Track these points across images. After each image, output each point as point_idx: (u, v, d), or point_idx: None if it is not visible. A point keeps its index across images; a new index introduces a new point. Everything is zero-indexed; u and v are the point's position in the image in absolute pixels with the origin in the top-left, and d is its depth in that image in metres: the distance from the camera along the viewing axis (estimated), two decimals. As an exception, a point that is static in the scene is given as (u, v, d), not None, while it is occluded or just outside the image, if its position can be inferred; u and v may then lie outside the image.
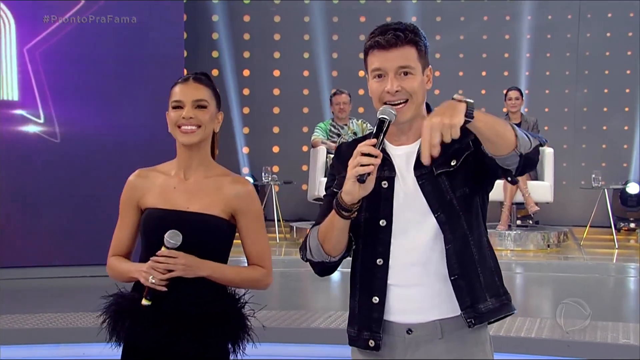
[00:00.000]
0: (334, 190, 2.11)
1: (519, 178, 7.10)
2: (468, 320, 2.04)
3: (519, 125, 8.48)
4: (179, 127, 2.32)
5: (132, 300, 2.30)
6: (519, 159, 1.94)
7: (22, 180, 6.40)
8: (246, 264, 2.46)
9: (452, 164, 2.04)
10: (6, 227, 6.39)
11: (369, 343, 2.08)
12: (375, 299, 2.07)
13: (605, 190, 8.77)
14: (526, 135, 1.96)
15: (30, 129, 6.50)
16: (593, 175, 8.75)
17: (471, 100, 1.87)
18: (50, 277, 6.31)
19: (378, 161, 1.90)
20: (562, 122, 10.35)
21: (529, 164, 1.98)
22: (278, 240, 8.60)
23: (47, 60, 6.49)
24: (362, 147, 1.91)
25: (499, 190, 8.01)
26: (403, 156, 2.09)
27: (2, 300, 5.63)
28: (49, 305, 5.27)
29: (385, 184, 2.07)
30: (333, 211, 1.99)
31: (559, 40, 10.32)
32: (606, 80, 10.21)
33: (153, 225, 2.32)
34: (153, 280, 2.22)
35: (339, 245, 2.06)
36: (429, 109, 2.13)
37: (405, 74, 2.03)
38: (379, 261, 2.06)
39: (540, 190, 8.45)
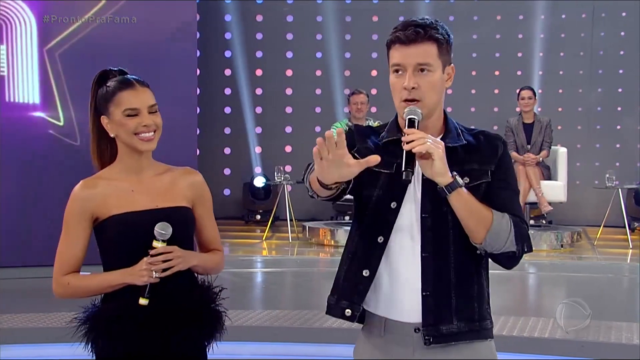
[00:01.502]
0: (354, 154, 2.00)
1: (533, 179, 7.11)
2: (426, 337, 2.04)
3: (532, 125, 8.54)
4: (137, 134, 2.30)
5: (123, 307, 2.27)
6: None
7: (42, 183, 6.35)
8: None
9: (465, 181, 2.01)
10: (24, 227, 6.38)
11: (345, 312, 2.09)
12: (366, 272, 2.07)
13: (619, 190, 8.72)
14: (512, 238, 2.01)
15: (50, 131, 6.44)
16: (607, 175, 8.70)
17: (461, 182, 1.96)
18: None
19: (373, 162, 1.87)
20: (575, 122, 10.30)
21: (494, 259, 2.08)
22: (290, 240, 8.60)
23: (66, 61, 6.43)
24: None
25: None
26: None
27: (24, 299, 5.69)
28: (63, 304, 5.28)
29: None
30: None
31: (572, 39, 10.26)
32: (620, 80, 10.15)
33: (134, 229, 2.29)
34: (157, 275, 2.23)
35: (324, 194, 2.02)
36: (444, 113, 2.14)
37: (423, 70, 2.02)
38: (380, 239, 2.06)
39: (553, 190, 8.42)
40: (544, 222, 9.16)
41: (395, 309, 2.07)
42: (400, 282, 2.06)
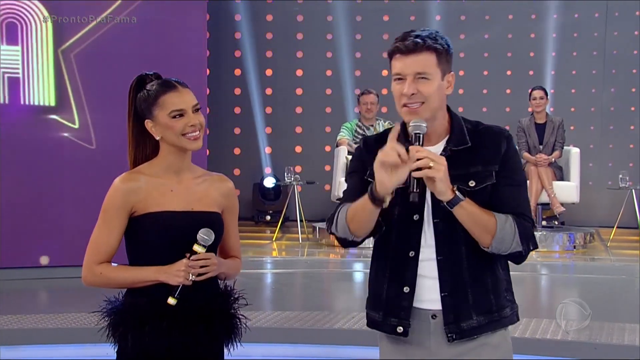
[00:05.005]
0: (368, 179, 2.18)
1: (545, 179, 7.15)
2: (449, 335, 2.16)
3: (544, 125, 8.48)
4: (184, 134, 2.35)
5: (156, 304, 2.32)
6: None
7: (57, 187, 6.32)
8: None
9: (470, 184, 2.15)
10: (38, 229, 6.34)
11: (397, 329, 2.20)
12: (407, 289, 2.18)
13: (633, 190, 8.66)
14: (517, 239, 2.11)
15: (65, 134, 6.37)
16: (620, 176, 8.65)
17: (462, 197, 2.07)
18: (74, 277, 6.34)
19: (402, 159, 2.00)
20: (588, 122, 10.22)
21: (503, 257, 2.19)
22: (301, 241, 8.58)
23: (81, 63, 6.37)
24: (394, 148, 2.00)
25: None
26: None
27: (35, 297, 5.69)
28: (71, 305, 5.29)
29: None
30: (365, 196, 2.08)
31: (585, 39, 10.19)
32: (634, 80, 10.06)
33: (169, 228, 2.34)
34: (193, 278, 2.29)
35: (365, 228, 2.14)
36: (450, 111, 2.24)
37: (422, 79, 2.12)
38: (411, 254, 2.18)
39: (566, 190, 8.35)
40: (556, 223, 9.09)
41: (416, 297, 2.19)
42: (423, 281, 2.19)
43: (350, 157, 8.27)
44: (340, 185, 8.33)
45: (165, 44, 6.54)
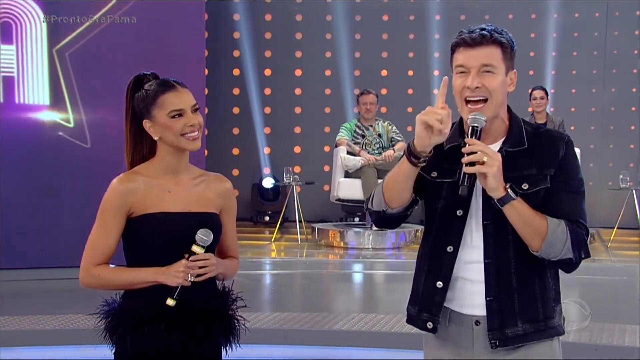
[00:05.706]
0: (423, 174, 2.16)
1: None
2: (492, 341, 2.11)
3: (544, 125, 8.45)
4: (183, 135, 2.34)
5: (154, 305, 2.30)
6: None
7: (51, 186, 6.30)
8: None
9: (524, 187, 2.08)
10: (33, 229, 6.32)
11: (427, 325, 2.17)
12: (440, 284, 2.14)
13: (634, 191, 8.64)
14: (569, 245, 2.04)
15: (60, 133, 6.37)
16: (621, 176, 8.63)
17: (513, 196, 2.01)
18: (72, 278, 6.30)
19: (447, 121, 1.99)
20: (589, 122, 10.20)
21: (553, 264, 2.11)
22: (300, 242, 8.55)
23: (76, 62, 6.37)
24: (439, 114, 1.99)
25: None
26: None
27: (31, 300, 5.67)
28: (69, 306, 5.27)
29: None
30: (403, 157, 2.07)
31: (586, 38, 10.17)
32: (635, 79, 10.04)
33: (166, 230, 2.33)
34: (192, 279, 2.28)
35: (399, 195, 2.11)
36: (510, 111, 2.20)
37: (487, 72, 2.08)
38: (449, 248, 2.13)
39: (566, 191, 8.32)
40: (556, 223, 9.05)
41: (458, 301, 2.15)
42: (467, 285, 2.14)
43: (349, 157, 8.29)
44: (339, 185, 8.30)
45: (164, 43, 6.52)
